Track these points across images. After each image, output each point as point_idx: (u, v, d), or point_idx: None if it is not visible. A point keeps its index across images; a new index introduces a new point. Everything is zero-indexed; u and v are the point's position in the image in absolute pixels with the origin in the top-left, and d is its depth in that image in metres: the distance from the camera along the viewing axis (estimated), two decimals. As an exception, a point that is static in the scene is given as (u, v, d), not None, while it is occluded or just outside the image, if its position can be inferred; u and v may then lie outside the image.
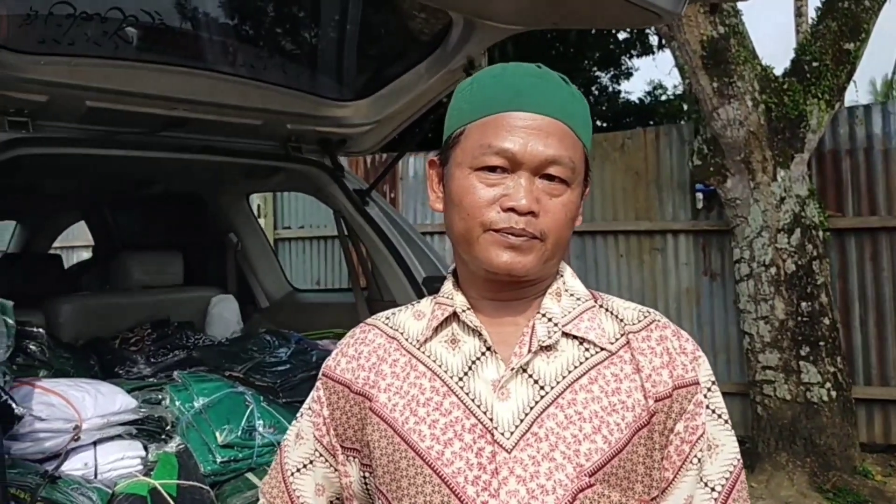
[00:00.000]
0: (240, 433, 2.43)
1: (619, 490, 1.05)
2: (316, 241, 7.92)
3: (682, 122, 7.18)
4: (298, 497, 1.22)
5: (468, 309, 1.13)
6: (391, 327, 1.19)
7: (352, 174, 3.31)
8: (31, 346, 2.44)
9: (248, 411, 2.49)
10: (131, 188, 3.82)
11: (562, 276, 1.17)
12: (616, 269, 6.46)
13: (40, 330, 2.54)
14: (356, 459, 1.18)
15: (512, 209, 1.05)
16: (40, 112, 2.29)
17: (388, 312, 1.23)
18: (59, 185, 3.57)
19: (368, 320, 1.23)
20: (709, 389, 1.14)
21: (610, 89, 13.44)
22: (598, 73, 13.15)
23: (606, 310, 1.16)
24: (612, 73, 13.25)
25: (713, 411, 1.13)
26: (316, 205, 7.75)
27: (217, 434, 2.40)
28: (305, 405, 1.25)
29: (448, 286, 1.17)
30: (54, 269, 4.06)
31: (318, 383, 1.23)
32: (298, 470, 1.23)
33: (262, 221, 7.80)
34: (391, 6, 2.75)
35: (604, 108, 12.79)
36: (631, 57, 12.62)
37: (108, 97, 2.38)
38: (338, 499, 1.22)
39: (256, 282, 3.92)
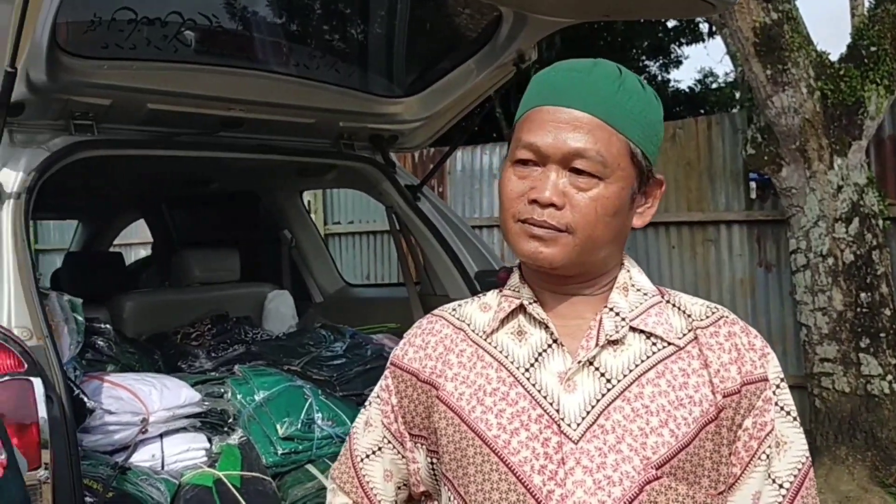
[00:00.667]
0: (299, 426, 2.49)
1: (686, 483, 1.06)
2: (365, 236, 7.99)
3: (735, 111, 7.05)
4: (368, 482, 1.25)
5: (534, 301, 1.15)
6: (458, 318, 1.22)
7: (403, 170, 3.34)
8: (100, 342, 2.53)
9: (307, 404, 2.55)
10: (189, 187, 3.92)
11: (628, 271, 1.17)
12: (668, 260, 6.38)
13: (107, 326, 2.63)
14: (423, 446, 1.20)
15: (535, 200, 1.07)
16: (104, 115, 2.36)
17: (455, 304, 1.25)
18: (120, 185, 3.67)
19: (435, 311, 1.26)
20: (777, 386, 1.14)
21: (659, 78, 13.26)
22: (646, 63, 12.98)
23: (673, 305, 1.17)
24: (661, 61, 13.07)
25: (782, 408, 1.14)
26: (365, 200, 7.83)
27: (278, 427, 2.46)
28: (374, 393, 1.28)
29: (514, 279, 1.19)
30: (116, 266, 4.19)
31: (386, 372, 1.26)
32: (367, 456, 1.26)
33: (312, 216, 7.91)
34: (441, 3, 2.77)
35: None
36: (680, 45, 12.43)
37: (168, 99, 2.44)
38: (405, 484, 1.25)
39: (310, 277, 3.99)
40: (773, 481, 1.12)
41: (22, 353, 1.81)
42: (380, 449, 1.25)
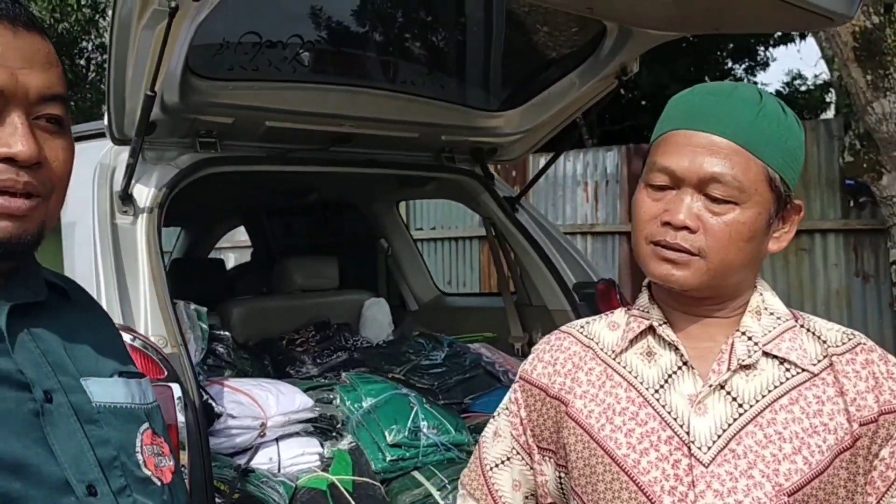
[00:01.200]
0: (406, 433, 2.55)
1: None
2: (448, 242, 8.08)
3: (830, 116, 6.85)
4: (497, 491, 1.29)
5: (664, 323, 1.16)
6: (586, 336, 1.24)
7: (501, 181, 3.39)
8: (220, 348, 2.65)
9: (413, 412, 2.61)
10: (291, 197, 4.06)
11: (761, 294, 1.17)
12: (769, 266, 6.24)
13: (226, 333, 2.76)
14: (552, 460, 1.23)
15: (668, 223, 1.08)
16: (226, 133, 2.49)
17: (583, 321, 1.28)
18: (228, 195, 3.83)
19: (563, 328, 1.29)
20: None
21: (745, 81, 12.95)
22: (732, 66, 12.68)
23: (808, 330, 1.16)
24: (746, 64, 12.74)
25: None
26: (448, 206, 7.92)
27: (386, 433, 2.53)
28: (502, 405, 1.32)
29: (644, 299, 1.21)
30: (218, 272, 4.36)
31: (514, 385, 1.29)
32: (497, 465, 1.30)
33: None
34: (543, 19, 2.80)
35: (737, 101, 12.31)
36: (768, 47, 12.10)
37: (285, 117, 2.55)
38: (532, 495, 1.28)
39: (405, 285, 4.07)
40: None
41: (161, 360, 1.93)
42: (508, 459, 1.29)
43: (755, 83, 12.90)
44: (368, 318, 3.72)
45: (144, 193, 2.26)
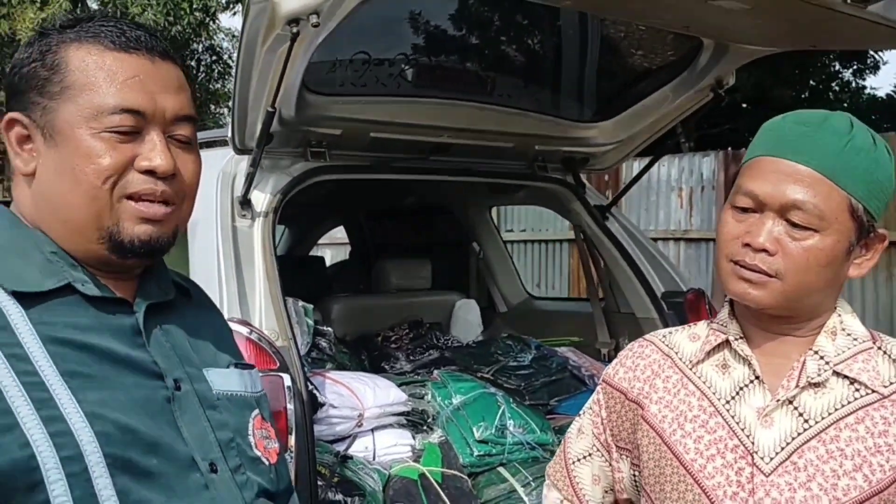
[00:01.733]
0: (493, 430, 2.67)
1: None
2: (538, 244, 8.16)
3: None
4: (578, 483, 1.39)
5: (741, 338, 1.22)
6: (667, 345, 1.31)
7: (592, 189, 3.47)
8: (322, 343, 2.85)
9: (500, 411, 2.73)
10: (390, 201, 4.25)
11: (839, 315, 1.21)
12: (860, 283, 6.06)
13: (329, 329, 2.96)
14: (628, 458, 1.32)
15: (748, 244, 1.14)
16: (334, 143, 2.67)
17: (666, 331, 1.36)
18: (332, 199, 4.05)
19: (647, 336, 1.37)
20: None
21: (853, 85, 12.47)
22: (839, 69, 12.23)
23: (884, 353, 1.19)
24: (855, 67, 12.26)
25: None
26: (539, 209, 7.99)
27: (474, 429, 2.66)
28: (587, 404, 1.42)
29: (724, 313, 1.26)
30: (319, 270, 4.61)
31: (598, 387, 1.39)
32: (579, 460, 1.39)
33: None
34: (639, 34, 2.87)
35: (845, 105, 11.88)
36: (878, 49, 11.60)
37: (388, 128, 2.71)
38: (611, 489, 1.37)
39: (496, 288, 4.20)
40: None
41: (274, 352, 2.12)
42: (590, 455, 1.38)
43: (863, 87, 12.41)
44: (459, 319, 3.86)
45: (261, 199, 2.46)
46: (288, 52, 2.05)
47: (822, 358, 1.17)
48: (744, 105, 11.88)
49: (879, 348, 1.20)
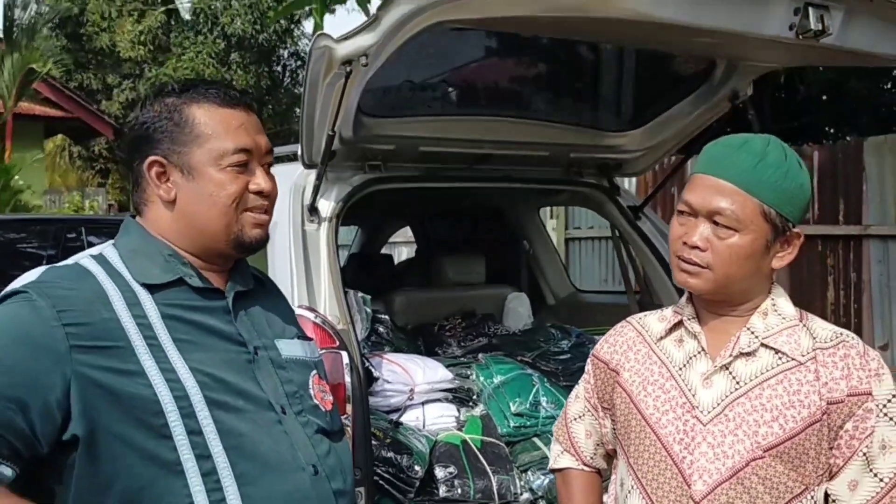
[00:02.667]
0: (528, 406, 3.03)
1: (784, 464, 1.41)
2: (603, 242, 8.35)
3: None
4: (574, 437, 1.74)
5: (693, 318, 1.53)
6: (640, 325, 1.64)
7: (627, 192, 3.79)
8: (381, 329, 3.29)
9: (535, 389, 3.09)
10: (447, 204, 4.67)
11: (773, 299, 1.50)
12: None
13: (386, 317, 3.40)
14: (609, 415, 1.65)
15: (685, 242, 1.44)
16: (388, 157, 3.09)
17: (644, 314, 1.68)
18: (396, 203, 4.50)
19: (628, 318, 1.70)
20: (889, 401, 1.41)
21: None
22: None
23: (807, 329, 1.47)
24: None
25: (891, 418, 1.40)
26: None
27: (511, 404, 3.03)
28: (583, 375, 1.76)
29: (683, 299, 1.59)
30: (387, 266, 5.08)
31: (588, 359, 1.73)
32: (575, 419, 1.74)
33: (554, 222, 8.46)
34: (661, 54, 3.19)
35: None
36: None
37: (435, 142, 3.12)
38: (602, 443, 1.71)
39: (544, 282, 4.56)
40: (875, 475, 1.41)
41: (334, 333, 2.56)
42: (583, 415, 1.72)
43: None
44: (510, 310, 4.22)
45: (325, 206, 2.89)
46: (343, 86, 2.47)
47: (752, 333, 1.47)
48: (824, 97, 11.72)
49: (804, 325, 1.49)
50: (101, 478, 1.24)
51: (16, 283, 1.33)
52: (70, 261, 1.41)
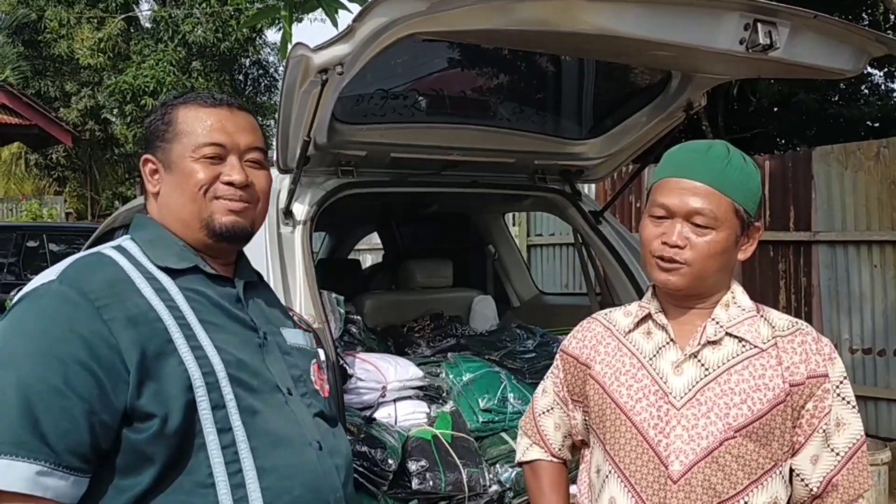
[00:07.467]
0: (496, 402, 3.13)
1: (756, 444, 1.52)
2: (564, 248, 8.55)
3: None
4: (543, 430, 1.83)
5: (660, 312, 1.64)
6: (607, 321, 1.74)
7: (588, 198, 3.95)
8: (353, 329, 3.38)
9: (503, 386, 3.20)
10: (415, 210, 4.78)
11: (732, 292, 1.62)
12: (869, 280, 6.32)
13: (358, 317, 3.49)
14: (580, 408, 1.75)
15: (664, 242, 1.54)
16: (360, 162, 3.19)
17: (608, 310, 1.79)
18: (364, 209, 4.60)
19: (593, 315, 1.80)
20: (841, 383, 1.54)
21: (883, 88, 12.59)
22: (869, 71, 12.35)
23: (764, 318, 1.61)
24: (886, 69, 12.38)
25: (843, 398, 1.56)
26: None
27: (479, 400, 3.13)
28: (549, 370, 1.85)
29: (648, 294, 1.70)
30: (355, 270, 5.17)
31: (557, 355, 1.82)
32: (544, 413, 1.83)
33: (516, 229, 8.63)
34: (621, 65, 3.35)
35: (877, 107, 11.98)
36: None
37: (405, 149, 3.23)
38: (570, 434, 1.81)
39: (509, 285, 4.70)
40: (832, 450, 1.55)
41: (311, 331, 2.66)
42: (552, 409, 1.82)
43: (894, 90, 12.50)
44: (477, 312, 4.35)
45: (300, 210, 2.98)
46: (319, 93, 2.56)
47: (717, 323, 1.59)
48: (775, 109, 12.11)
49: (762, 316, 1.62)
50: None
51: (42, 277, 1.42)
52: (93, 250, 1.51)
